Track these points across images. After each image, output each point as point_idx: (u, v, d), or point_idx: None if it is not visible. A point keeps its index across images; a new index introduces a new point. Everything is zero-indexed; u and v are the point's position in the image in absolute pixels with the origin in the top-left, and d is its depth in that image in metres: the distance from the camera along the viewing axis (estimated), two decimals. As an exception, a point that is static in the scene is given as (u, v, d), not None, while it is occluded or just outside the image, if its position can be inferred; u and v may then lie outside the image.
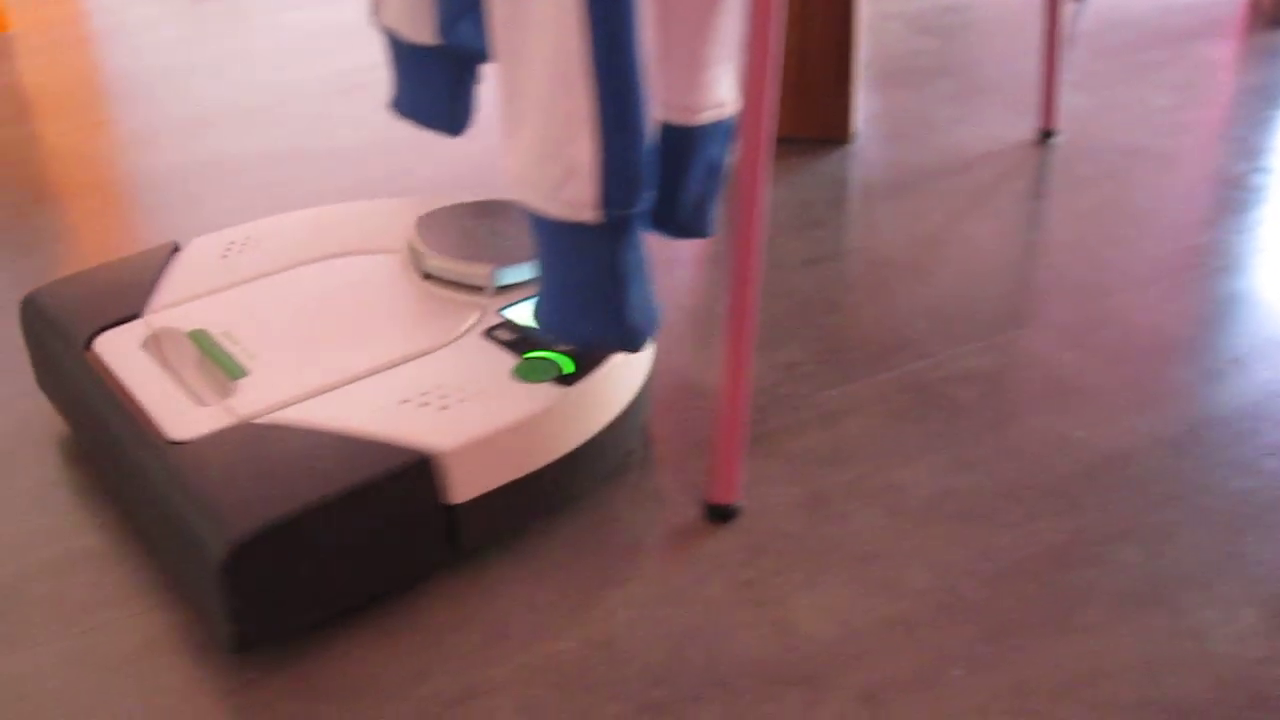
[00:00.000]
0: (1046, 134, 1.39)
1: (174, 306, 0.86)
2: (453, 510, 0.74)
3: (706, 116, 0.77)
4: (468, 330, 0.83)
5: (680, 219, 0.80)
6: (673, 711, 0.68)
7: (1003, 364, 0.98)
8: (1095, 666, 0.70)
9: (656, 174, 0.75)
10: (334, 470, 0.70)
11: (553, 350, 0.80)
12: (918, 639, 0.73)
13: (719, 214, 0.84)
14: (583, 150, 0.66)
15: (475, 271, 0.86)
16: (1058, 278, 1.10)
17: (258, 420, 0.75)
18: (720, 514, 0.82)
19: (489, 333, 0.83)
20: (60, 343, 0.84)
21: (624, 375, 0.81)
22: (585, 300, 0.70)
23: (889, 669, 0.71)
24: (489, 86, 0.87)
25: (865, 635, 0.73)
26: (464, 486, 0.73)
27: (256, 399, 0.77)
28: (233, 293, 0.88)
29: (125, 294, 0.88)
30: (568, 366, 0.79)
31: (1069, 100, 1.47)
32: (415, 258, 0.89)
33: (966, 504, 0.83)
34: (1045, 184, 1.28)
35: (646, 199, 0.68)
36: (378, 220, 0.98)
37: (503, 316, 0.84)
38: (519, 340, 0.81)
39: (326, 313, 0.85)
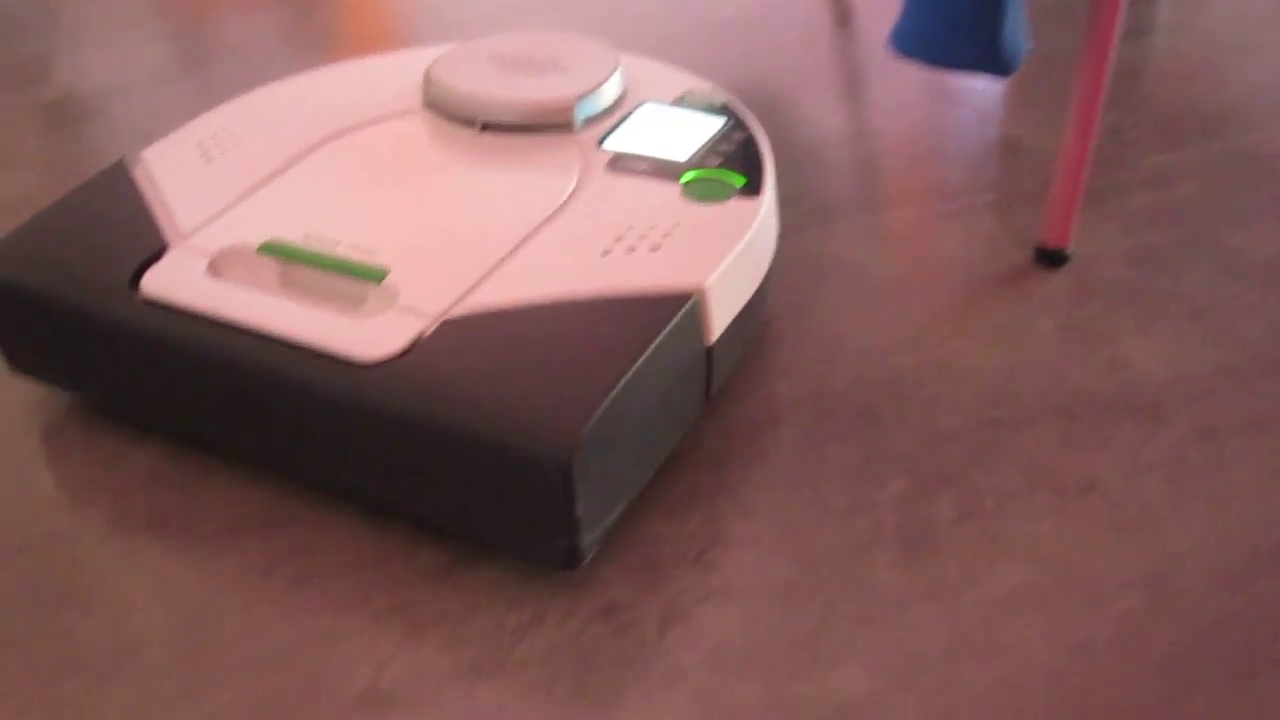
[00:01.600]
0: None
1: (206, 226, 0.71)
2: (710, 352, 0.67)
3: None
4: (585, 170, 0.74)
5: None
6: (1010, 429, 0.71)
7: (1340, 142, 0.95)
8: None
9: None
10: (619, 337, 0.61)
11: (704, 168, 0.73)
12: (1255, 388, 0.73)
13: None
14: None
15: (557, 109, 0.77)
16: (1400, 63, 1.06)
17: (458, 315, 0.63)
18: (1051, 258, 0.83)
19: (613, 167, 0.74)
20: (80, 298, 0.67)
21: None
22: (962, 25, 0.71)
23: (1225, 410, 0.71)
24: None
25: (1200, 379, 0.74)
26: (717, 322, 0.66)
27: (434, 294, 0.64)
28: (266, 194, 0.73)
29: (125, 228, 0.71)
30: (737, 180, 0.72)
31: None
32: (466, 109, 0.78)
33: (1304, 269, 0.82)
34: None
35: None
36: (363, 85, 0.84)
37: (609, 149, 0.76)
38: (654, 167, 0.73)
39: (404, 189, 0.73)
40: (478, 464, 0.58)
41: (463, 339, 0.62)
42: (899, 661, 0.58)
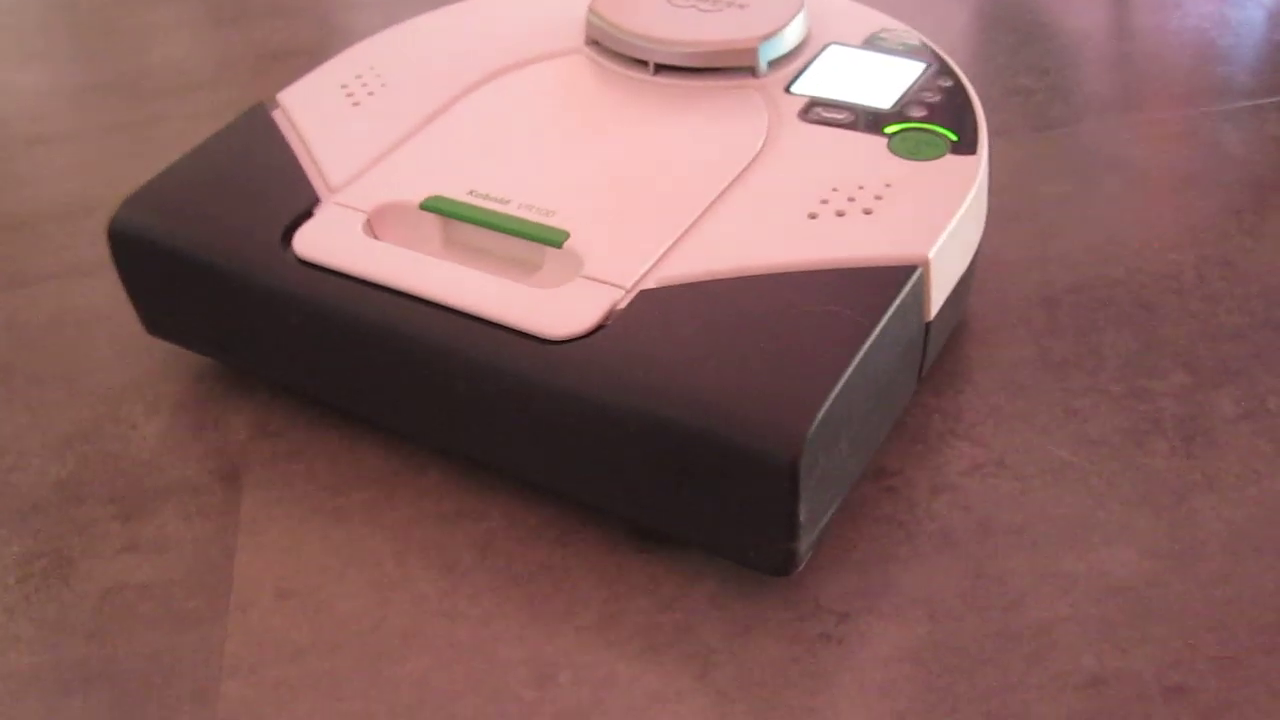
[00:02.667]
0: None
1: (359, 179, 0.64)
2: (928, 329, 0.59)
3: None
4: (774, 119, 0.66)
5: None
6: (1296, 332, 0.68)
7: None
8: None
9: None
10: (840, 315, 0.54)
11: (910, 120, 0.65)
12: None
13: None
14: None
15: (741, 50, 0.69)
16: None
17: (652, 286, 0.56)
18: (1346, 164, 0.79)
19: (805, 115, 0.66)
20: (228, 257, 0.61)
21: None
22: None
23: None
24: None
25: None
26: (936, 296, 0.59)
27: (623, 261, 0.57)
28: (420, 143, 0.66)
29: (270, 180, 0.65)
30: (949, 134, 0.64)
31: None
32: (637, 49, 0.70)
33: None
34: None
35: None
36: (513, 20, 0.77)
37: (799, 95, 0.68)
38: (853, 117, 0.65)
39: (574, 138, 0.66)
40: (684, 459, 0.51)
41: (661, 314, 0.54)
42: (1175, 548, 0.57)
